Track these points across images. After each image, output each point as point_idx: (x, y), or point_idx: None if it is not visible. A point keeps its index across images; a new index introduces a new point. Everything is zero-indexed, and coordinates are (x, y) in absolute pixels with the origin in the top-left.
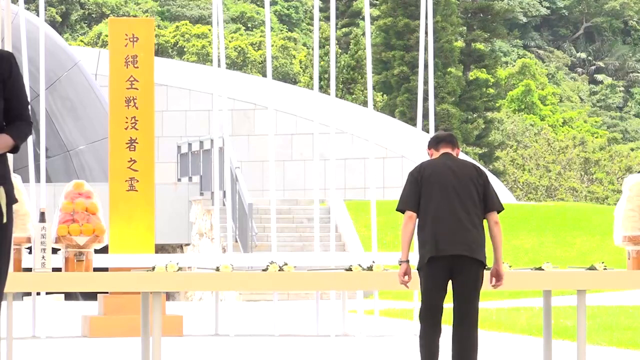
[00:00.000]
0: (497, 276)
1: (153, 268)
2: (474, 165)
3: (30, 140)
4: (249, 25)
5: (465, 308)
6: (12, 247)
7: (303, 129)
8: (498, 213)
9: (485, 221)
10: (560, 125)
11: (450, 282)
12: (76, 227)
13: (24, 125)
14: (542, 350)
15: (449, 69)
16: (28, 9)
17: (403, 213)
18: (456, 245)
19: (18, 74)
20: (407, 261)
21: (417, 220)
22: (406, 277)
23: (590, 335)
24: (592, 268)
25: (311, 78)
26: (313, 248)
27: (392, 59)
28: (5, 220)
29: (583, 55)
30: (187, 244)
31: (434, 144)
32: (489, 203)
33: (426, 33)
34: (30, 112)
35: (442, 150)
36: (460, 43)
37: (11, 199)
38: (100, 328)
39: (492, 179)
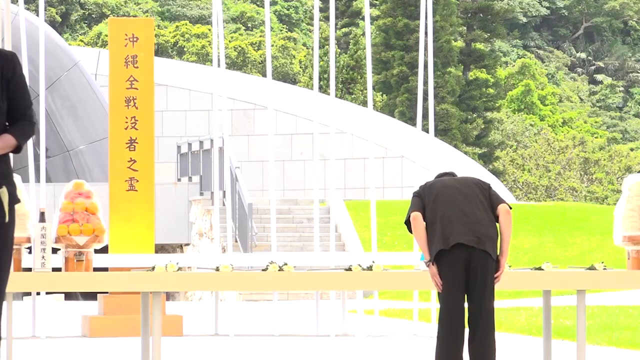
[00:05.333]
0: (497, 268)
1: (153, 268)
2: (476, 178)
3: (30, 140)
4: (249, 25)
5: (479, 308)
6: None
7: (303, 129)
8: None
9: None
10: (560, 125)
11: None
12: (76, 227)
13: (27, 125)
14: (541, 350)
15: (448, 69)
16: (28, 9)
17: (409, 227)
18: (464, 236)
19: (21, 74)
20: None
21: (426, 223)
22: (438, 277)
23: (590, 335)
24: (591, 268)
25: (311, 78)
26: (313, 248)
27: (392, 59)
28: (7, 219)
29: (583, 55)
30: (187, 244)
31: (436, 176)
32: (497, 200)
33: (426, 33)
34: (33, 112)
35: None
36: (459, 43)
37: (14, 199)
38: (100, 328)
39: (492, 179)
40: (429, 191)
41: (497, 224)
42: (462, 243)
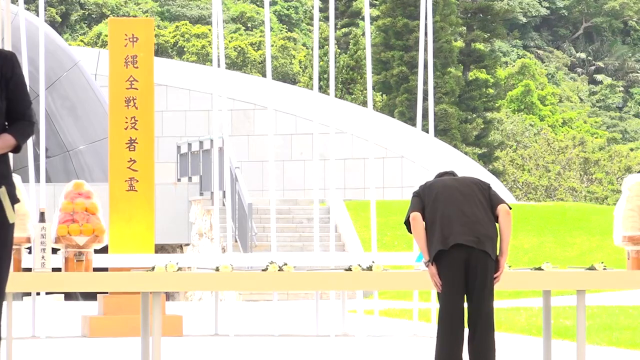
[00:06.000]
0: (496, 268)
1: (153, 268)
2: (476, 178)
3: (30, 140)
4: (249, 25)
5: (479, 308)
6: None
7: (303, 129)
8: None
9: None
10: (559, 126)
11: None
12: (76, 227)
13: (27, 125)
14: (541, 350)
15: (448, 69)
16: (28, 9)
17: (409, 228)
18: (463, 236)
19: (20, 73)
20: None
21: (425, 223)
22: (437, 278)
23: (590, 335)
24: (591, 268)
25: (311, 78)
26: (313, 248)
27: (392, 59)
28: (11, 220)
29: (583, 55)
30: (187, 244)
31: (436, 176)
32: (497, 200)
33: (426, 33)
34: (32, 112)
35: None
36: (459, 43)
37: (13, 199)
38: (100, 328)
39: (492, 179)
40: (429, 191)
41: (496, 224)
42: (461, 243)
